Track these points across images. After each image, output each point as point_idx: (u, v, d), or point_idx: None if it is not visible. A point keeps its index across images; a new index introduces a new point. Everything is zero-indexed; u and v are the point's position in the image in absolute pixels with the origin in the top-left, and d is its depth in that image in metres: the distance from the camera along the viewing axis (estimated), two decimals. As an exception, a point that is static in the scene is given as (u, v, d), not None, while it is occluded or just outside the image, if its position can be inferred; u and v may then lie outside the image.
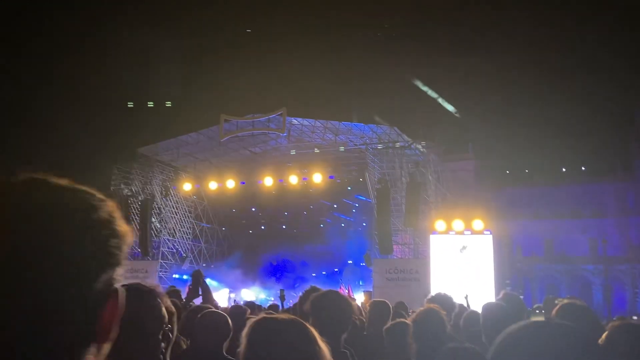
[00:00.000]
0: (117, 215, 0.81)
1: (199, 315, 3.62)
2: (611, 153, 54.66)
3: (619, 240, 49.14)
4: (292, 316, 1.89)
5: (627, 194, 50.96)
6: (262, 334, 1.71)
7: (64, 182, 0.80)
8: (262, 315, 1.87)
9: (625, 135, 54.55)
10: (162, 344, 2.05)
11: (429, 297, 5.20)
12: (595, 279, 44.67)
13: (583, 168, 55.46)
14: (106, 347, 0.78)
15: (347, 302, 2.86)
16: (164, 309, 2.17)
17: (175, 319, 2.31)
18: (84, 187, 0.81)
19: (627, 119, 55.69)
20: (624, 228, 49.98)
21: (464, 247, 19.01)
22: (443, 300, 4.72)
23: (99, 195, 0.81)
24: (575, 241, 49.95)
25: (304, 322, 1.81)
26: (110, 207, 0.80)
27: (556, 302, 4.94)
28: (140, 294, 2.13)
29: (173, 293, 4.82)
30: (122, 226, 0.80)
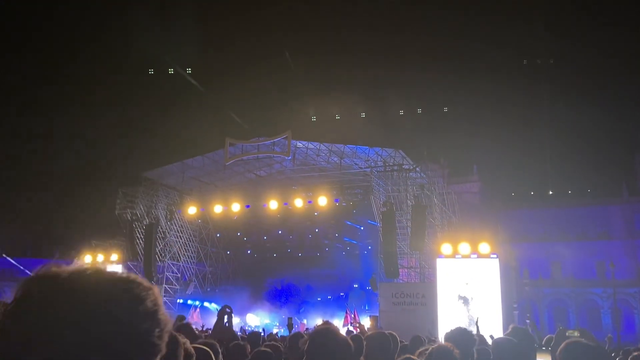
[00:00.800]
0: (160, 303, 0.85)
1: None
2: (617, 175, 54.41)
3: (627, 263, 48.62)
4: None
5: (634, 215, 50.60)
6: None
7: (112, 272, 0.84)
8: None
9: (631, 157, 54.40)
10: None
11: (448, 332, 5.02)
12: (604, 303, 44.06)
13: (589, 190, 55.17)
14: None
15: (344, 339, 2.78)
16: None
17: None
18: (131, 277, 0.85)
19: (632, 141, 55.59)
20: (631, 250, 49.51)
21: (467, 284, 18.92)
22: (462, 336, 4.57)
23: (145, 284, 0.84)
24: (583, 264, 49.45)
25: None
26: (156, 295, 0.85)
27: (567, 334, 4.85)
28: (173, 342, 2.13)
29: (183, 327, 4.73)
30: (164, 314, 0.84)
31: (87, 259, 26.37)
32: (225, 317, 6.84)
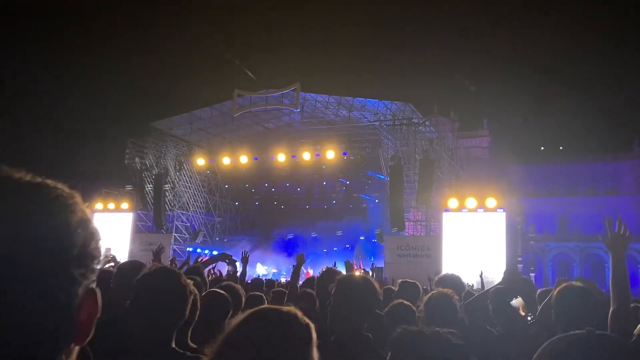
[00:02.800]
0: (89, 212, 0.77)
1: None
2: (628, 130, 53.76)
3: (634, 218, 48.68)
4: None
5: (644, 171, 50.25)
6: None
7: (24, 175, 0.74)
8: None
9: (645, 113, 53.50)
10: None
11: (437, 278, 5.17)
12: (609, 258, 44.37)
13: (600, 146, 54.63)
14: (78, 348, 0.76)
15: (373, 287, 2.86)
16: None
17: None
18: (48, 182, 0.76)
19: (647, 96, 54.56)
20: (639, 206, 49.45)
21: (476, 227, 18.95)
22: (453, 282, 4.70)
23: (68, 191, 0.76)
24: (590, 219, 49.55)
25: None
26: (82, 205, 0.76)
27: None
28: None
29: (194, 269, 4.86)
30: (94, 225, 0.77)
31: (98, 207, 26.82)
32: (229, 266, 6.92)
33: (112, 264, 5.63)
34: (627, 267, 2.95)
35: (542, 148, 55.58)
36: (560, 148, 55.21)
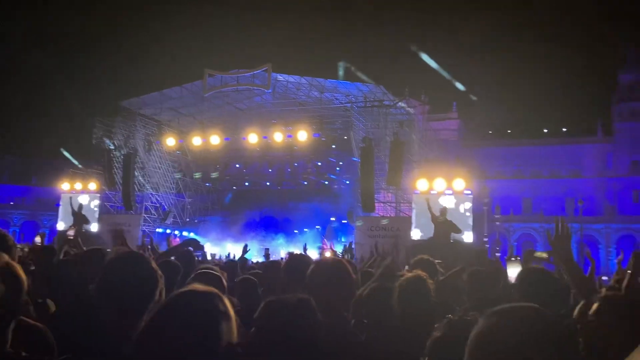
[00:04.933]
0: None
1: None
2: (592, 115, 55.19)
3: (595, 200, 50.33)
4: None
5: (606, 154, 51.89)
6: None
7: None
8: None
9: (607, 98, 54.98)
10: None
11: (413, 261, 5.31)
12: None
13: (564, 129, 56.03)
14: None
15: (346, 269, 2.93)
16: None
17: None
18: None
19: (609, 82, 55.97)
20: (600, 188, 51.10)
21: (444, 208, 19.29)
22: (427, 266, 4.86)
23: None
24: (553, 201, 51.04)
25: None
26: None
27: (536, 255, 5.20)
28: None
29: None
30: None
31: (64, 187, 26.32)
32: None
33: (75, 249, 5.58)
34: (577, 264, 3.13)
35: (509, 131, 56.70)
36: (526, 132, 56.43)
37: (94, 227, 23.87)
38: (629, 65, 52.87)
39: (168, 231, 28.11)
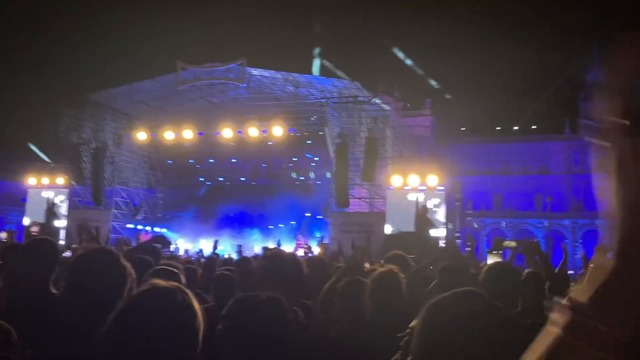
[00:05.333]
0: None
1: None
2: (561, 112, 56.42)
3: (563, 197, 51.51)
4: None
5: (573, 152, 53.12)
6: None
7: None
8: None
9: (576, 95, 56.22)
10: None
11: (386, 256, 5.34)
12: (539, 233, 46.99)
13: (534, 127, 57.16)
14: None
15: (298, 262, 2.96)
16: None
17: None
18: None
19: (577, 80, 57.24)
20: (568, 185, 52.32)
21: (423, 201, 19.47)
22: (400, 260, 4.89)
23: None
24: (522, 196, 52.06)
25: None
26: None
27: (504, 244, 5.34)
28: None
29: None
30: None
31: (31, 181, 25.66)
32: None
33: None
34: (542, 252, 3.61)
35: (481, 129, 57.55)
36: (498, 128, 57.38)
37: (62, 223, 23.32)
38: (596, 65, 54.16)
39: (139, 227, 27.71)
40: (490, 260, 5.08)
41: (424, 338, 1.26)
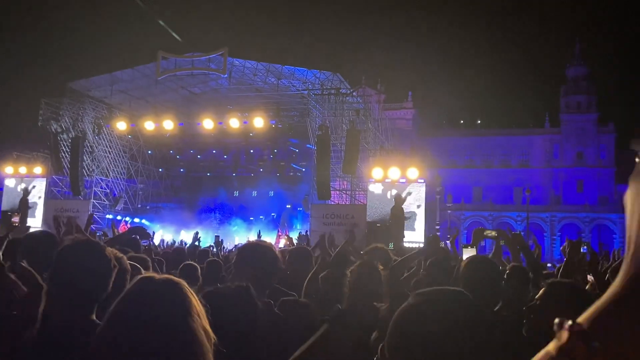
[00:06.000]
0: None
1: None
2: (541, 107, 57.12)
3: (542, 190, 52.27)
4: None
5: (553, 146, 53.87)
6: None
7: None
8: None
9: (556, 91, 56.92)
10: None
11: (367, 249, 5.36)
12: (518, 226, 47.66)
13: (514, 120, 57.73)
14: None
15: (274, 255, 2.98)
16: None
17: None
18: None
19: (558, 76, 57.98)
20: (547, 179, 53.07)
21: (409, 193, 19.59)
22: (381, 254, 4.91)
23: None
24: (502, 190, 52.69)
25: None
26: None
27: (485, 233, 5.40)
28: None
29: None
30: None
31: (8, 170, 25.20)
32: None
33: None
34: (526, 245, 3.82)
35: (462, 122, 57.99)
36: (478, 122, 57.88)
37: (38, 212, 22.99)
38: (576, 60, 54.93)
39: (119, 218, 27.45)
40: (466, 254, 5.13)
41: (396, 343, 1.26)
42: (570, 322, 0.58)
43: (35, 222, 21.00)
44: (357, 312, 3.20)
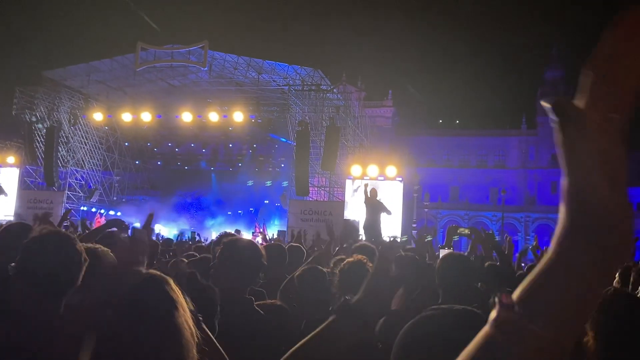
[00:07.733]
0: None
1: None
2: (519, 109, 57.94)
3: (518, 191, 53.08)
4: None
5: (529, 147, 54.73)
6: None
7: None
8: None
9: (534, 92, 57.80)
10: None
11: (355, 246, 5.36)
12: (493, 226, 48.32)
13: (491, 121, 58.47)
14: None
15: (258, 251, 2.97)
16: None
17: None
18: None
19: (536, 78, 58.87)
20: (523, 179, 53.90)
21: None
22: (368, 252, 4.92)
23: None
24: (478, 189, 53.37)
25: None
26: None
27: (458, 231, 5.47)
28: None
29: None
30: None
31: (-21, 160, 24.63)
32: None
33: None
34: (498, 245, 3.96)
35: (440, 121, 58.56)
36: (457, 122, 58.53)
37: (10, 201, 22.48)
38: (553, 62, 55.87)
39: (94, 210, 27.06)
40: (442, 254, 5.22)
41: (408, 347, 1.22)
42: (505, 295, 0.59)
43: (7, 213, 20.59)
44: (365, 306, 3.18)
